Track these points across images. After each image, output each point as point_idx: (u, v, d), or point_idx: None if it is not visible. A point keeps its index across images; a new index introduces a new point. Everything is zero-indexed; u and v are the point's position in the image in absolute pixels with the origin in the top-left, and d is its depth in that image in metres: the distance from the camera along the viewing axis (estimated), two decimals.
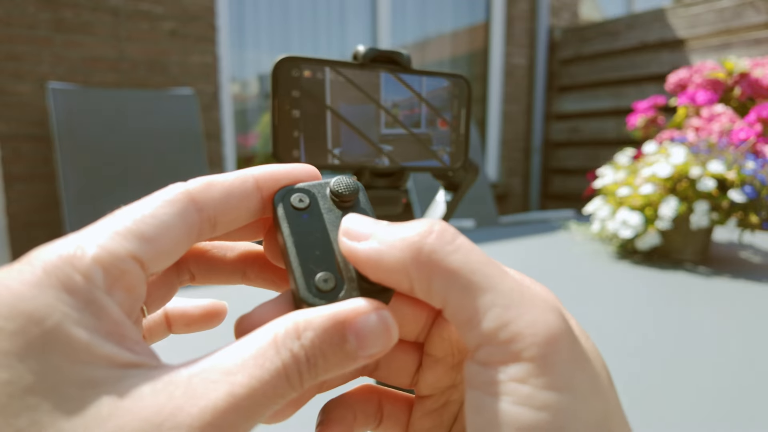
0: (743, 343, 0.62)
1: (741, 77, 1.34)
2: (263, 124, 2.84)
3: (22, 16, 2.03)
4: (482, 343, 0.16)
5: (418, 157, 0.41)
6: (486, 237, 1.34)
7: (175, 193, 0.19)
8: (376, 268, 0.18)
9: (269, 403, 0.16)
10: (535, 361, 0.16)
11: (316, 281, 0.19)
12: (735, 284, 0.87)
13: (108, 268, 0.16)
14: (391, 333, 0.18)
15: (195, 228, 0.19)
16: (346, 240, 0.19)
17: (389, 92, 0.38)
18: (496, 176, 3.62)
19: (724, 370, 0.55)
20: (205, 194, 0.19)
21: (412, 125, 0.40)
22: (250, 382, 0.15)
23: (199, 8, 2.42)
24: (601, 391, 0.17)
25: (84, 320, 0.15)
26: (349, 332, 0.17)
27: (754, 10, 2.70)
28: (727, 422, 0.45)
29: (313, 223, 0.21)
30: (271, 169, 0.21)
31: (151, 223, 0.18)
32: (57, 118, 1.85)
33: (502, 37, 3.52)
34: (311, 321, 0.17)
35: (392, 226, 0.19)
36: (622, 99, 3.22)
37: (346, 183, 0.21)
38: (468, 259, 0.17)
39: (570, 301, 0.77)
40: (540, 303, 0.17)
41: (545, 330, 0.16)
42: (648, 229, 0.97)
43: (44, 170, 2.11)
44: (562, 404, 0.16)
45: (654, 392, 0.50)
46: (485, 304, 0.17)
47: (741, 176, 0.94)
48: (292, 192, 0.21)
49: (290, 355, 0.16)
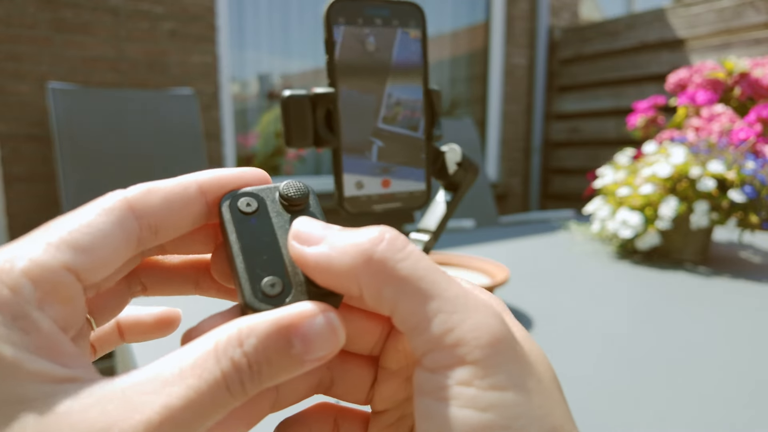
0: (744, 343, 0.62)
1: (741, 77, 1.34)
2: (263, 124, 2.84)
3: (22, 16, 2.03)
4: (429, 348, 0.17)
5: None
6: (486, 237, 1.33)
7: (112, 201, 0.19)
8: (325, 273, 0.18)
9: (208, 413, 0.15)
10: (478, 364, 0.16)
11: (263, 286, 0.19)
12: (735, 284, 0.87)
13: (38, 281, 0.16)
14: (338, 335, 0.18)
15: (134, 236, 0.19)
16: (296, 244, 0.19)
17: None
18: (496, 176, 3.62)
19: (724, 370, 0.55)
20: (144, 201, 0.19)
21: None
22: (187, 393, 0.15)
23: (199, 8, 2.42)
24: (545, 390, 0.17)
25: (11, 336, 0.15)
26: (295, 336, 0.17)
27: (754, 10, 2.70)
28: (728, 423, 0.45)
29: (262, 228, 0.20)
30: (217, 174, 0.21)
31: (87, 232, 0.17)
32: (57, 118, 1.85)
33: (502, 37, 3.51)
34: (254, 327, 0.17)
35: (343, 231, 0.19)
36: (622, 99, 3.22)
37: (296, 186, 0.21)
38: (416, 267, 0.17)
39: (570, 301, 0.77)
40: (483, 309, 0.17)
41: (488, 334, 0.17)
42: (648, 229, 0.97)
43: (44, 170, 2.11)
44: (507, 403, 0.16)
45: (654, 393, 0.50)
46: (432, 310, 0.17)
47: (741, 176, 0.94)
48: (239, 196, 0.20)
49: (231, 364, 0.16)
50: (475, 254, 0.79)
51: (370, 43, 0.37)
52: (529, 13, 3.57)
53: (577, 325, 0.67)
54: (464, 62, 3.55)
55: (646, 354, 0.59)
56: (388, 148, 0.39)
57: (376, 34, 0.38)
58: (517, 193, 3.72)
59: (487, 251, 1.10)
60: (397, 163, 0.40)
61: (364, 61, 0.38)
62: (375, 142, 0.39)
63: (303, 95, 0.38)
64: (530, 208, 3.76)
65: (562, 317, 0.70)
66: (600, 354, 0.59)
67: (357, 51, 0.37)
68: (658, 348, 0.61)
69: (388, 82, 0.38)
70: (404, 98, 0.39)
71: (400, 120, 0.39)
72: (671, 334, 0.65)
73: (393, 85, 0.39)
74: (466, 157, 0.44)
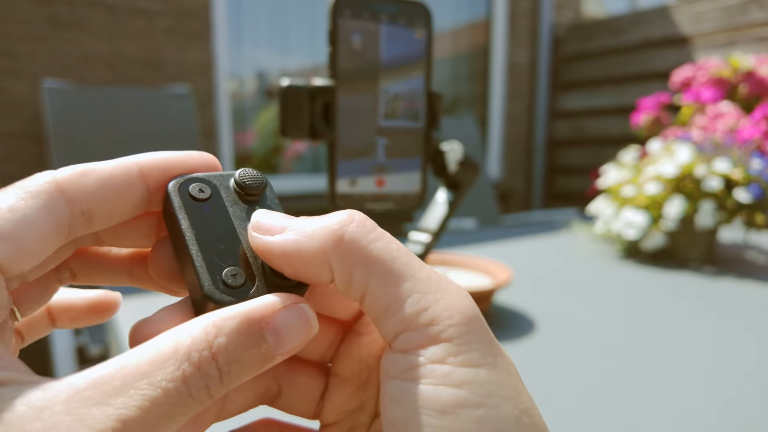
0: (749, 344, 0.61)
1: (746, 75, 1.32)
2: (261, 122, 2.82)
3: (17, 12, 2.02)
4: (402, 329, 0.16)
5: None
6: (488, 237, 1.32)
7: (39, 183, 0.17)
8: (293, 260, 0.17)
9: (167, 424, 0.14)
10: (452, 341, 0.16)
11: (224, 276, 0.17)
12: (741, 285, 0.85)
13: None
14: (312, 326, 0.17)
15: (65, 222, 0.17)
16: (258, 235, 0.18)
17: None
18: (498, 175, 3.60)
19: (730, 371, 0.54)
20: (77, 184, 0.17)
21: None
22: (142, 404, 0.13)
23: (195, 5, 2.41)
24: (513, 372, 0.17)
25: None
26: (267, 331, 0.16)
27: (759, 7, 2.68)
28: (733, 424, 0.44)
29: (215, 216, 0.19)
30: (160, 156, 0.19)
31: (10, 218, 0.16)
32: (52, 117, 1.84)
33: (505, 34, 3.50)
34: (222, 326, 0.15)
35: (308, 218, 0.18)
36: (625, 96, 3.20)
37: (252, 175, 0.20)
38: (388, 248, 0.17)
39: (573, 303, 0.76)
40: (454, 290, 0.17)
41: (461, 313, 0.17)
42: (652, 229, 0.96)
43: (39, 169, 2.08)
44: (480, 380, 0.16)
45: (658, 394, 0.49)
46: (405, 290, 0.17)
47: (747, 175, 0.92)
48: (189, 181, 0.19)
49: (194, 368, 0.14)
50: (476, 254, 0.78)
51: (372, 38, 0.37)
52: (531, 10, 3.56)
53: (580, 326, 0.66)
54: (466, 60, 3.54)
55: (652, 355, 0.58)
56: (393, 144, 0.39)
57: (380, 30, 0.37)
58: (519, 192, 3.71)
59: (488, 251, 1.08)
60: (403, 156, 0.40)
61: (365, 55, 0.37)
62: (379, 140, 0.38)
63: (302, 86, 0.38)
64: (533, 207, 3.75)
65: (565, 318, 0.69)
66: (604, 355, 0.58)
67: (359, 45, 0.37)
68: (663, 349, 0.60)
69: (386, 79, 0.38)
70: (403, 91, 0.38)
71: (400, 113, 0.39)
72: (676, 334, 0.64)
73: (390, 81, 0.38)
74: (467, 155, 0.44)
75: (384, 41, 0.37)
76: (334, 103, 0.37)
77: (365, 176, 0.39)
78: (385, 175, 0.40)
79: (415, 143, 0.40)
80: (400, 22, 0.38)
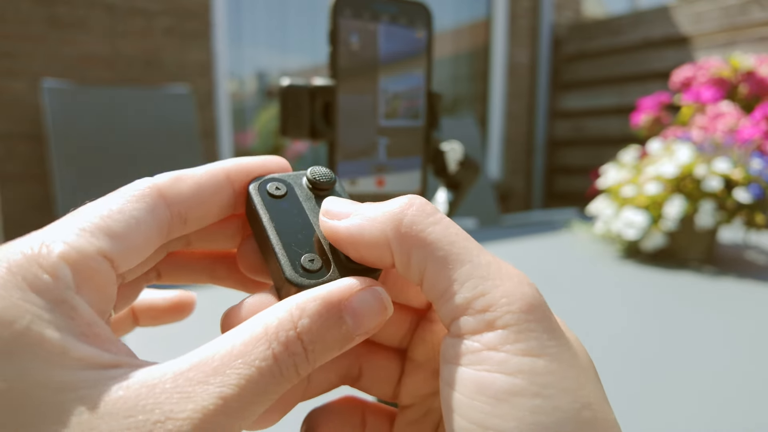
0: (750, 343, 0.61)
1: (747, 75, 1.32)
2: (261, 122, 2.82)
3: (17, 12, 2.02)
4: (458, 314, 0.17)
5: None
6: (488, 237, 1.32)
7: (142, 188, 0.18)
8: (357, 243, 0.18)
9: (261, 400, 0.15)
10: (508, 328, 0.16)
11: (302, 262, 0.19)
12: (741, 285, 0.85)
13: (76, 267, 0.15)
14: (387, 308, 0.18)
15: (165, 224, 0.18)
16: (327, 219, 0.19)
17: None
18: (498, 175, 3.60)
19: (730, 370, 0.54)
20: (175, 189, 0.19)
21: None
22: (239, 382, 0.15)
23: (195, 5, 2.40)
24: (580, 365, 0.17)
25: (56, 321, 0.14)
26: (346, 312, 0.17)
27: (759, 7, 2.68)
28: (734, 424, 0.43)
29: (292, 210, 0.20)
30: (243, 162, 0.21)
31: (120, 219, 0.17)
32: (52, 116, 1.84)
33: (505, 34, 3.49)
34: (305, 307, 0.16)
35: (373, 204, 0.19)
36: (625, 96, 3.20)
37: (322, 172, 0.21)
38: (447, 232, 0.17)
39: (573, 303, 0.76)
40: (516, 277, 0.17)
41: (521, 300, 0.16)
42: (652, 229, 0.96)
43: (39, 169, 2.10)
44: (537, 370, 0.15)
45: (659, 394, 0.49)
46: (463, 275, 0.17)
47: (747, 175, 0.92)
48: (267, 181, 0.21)
49: (283, 347, 0.16)
50: None
51: (372, 38, 0.37)
52: (531, 9, 3.55)
53: (580, 326, 0.66)
54: (466, 59, 3.54)
55: (652, 355, 0.58)
56: (394, 144, 0.39)
57: (381, 30, 0.37)
58: (519, 192, 3.71)
59: (488, 251, 1.08)
60: (404, 156, 0.40)
61: (365, 55, 0.37)
62: (380, 140, 0.38)
63: (302, 86, 0.38)
64: (533, 207, 3.75)
65: (565, 318, 0.68)
66: (604, 355, 0.57)
67: (360, 45, 0.37)
68: (663, 349, 0.60)
69: (386, 78, 0.38)
70: (402, 89, 0.38)
71: (400, 112, 0.39)
72: (677, 335, 0.64)
73: (390, 81, 0.38)
74: (467, 155, 0.43)
75: (384, 41, 0.37)
76: (334, 102, 0.37)
77: (365, 176, 0.39)
78: (385, 175, 0.40)
79: (416, 143, 0.40)
80: (400, 21, 0.38)
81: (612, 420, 0.17)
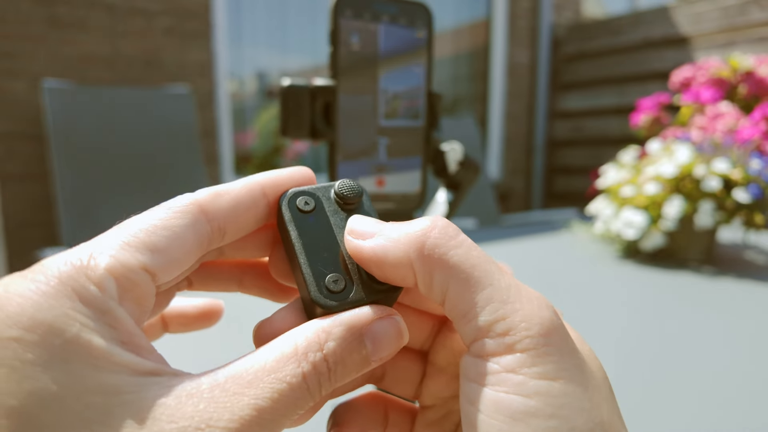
0: (749, 343, 0.61)
1: (746, 75, 1.32)
2: (261, 122, 2.82)
3: (17, 12, 2.02)
4: (479, 335, 0.17)
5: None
6: (487, 237, 1.32)
7: (184, 204, 0.19)
8: (381, 264, 0.19)
9: (291, 413, 0.16)
10: (527, 353, 0.16)
11: (327, 282, 0.20)
12: (740, 285, 0.85)
13: (120, 279, 0.17)
14: (403, 336, 0.19)
15: (205, 238, 0.19)
16: (352, 239, 0.20)
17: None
18: (498, 175, 3.60)
19: (730, 371, 0.54)
20: (215, 204, 0.20)
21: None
22: (273, 396, 0.16)
23: (195, 5, 2.40)
24: (595, 385, 0.17)
25: (101, 330, 0.15)
26: (366, 338, 0.18)
27: (758, 7, 2.68)
28: (733, 424, 0.44)
29: (319, 226, 0.21)
30: (276, 175, 0.22)
31: (164, 235, 0.18)
32: (52, 116, 1.84)
33: (505, 35, 3.50)
34: (331, 332, 0.18)
35: (397, 224, 0.20)
36: (625, 96, 3.20)
37: (350, 186, 0.22)
38: (469, 255, 0.18)
39: (573, 303, 0.76)
40: (535, 300, 0.18)
41: (539, 324, 0.17)
42: (652, 229, 0.96)
43: (39, 169, 2.10)
44: (554, 392, 0.16)
45: (658, 394, 0.49)
46: (483, 298, 0.17)
47: (746, 175, 0.92)
48: (297, 195, 0.21)
49: (311, 367, 0.17)
50: None
51: (372, 38, 0.37)
52: (531, 10, 3.55)
53: (580, 326, 0.66)
54: (466, 60, 3.54)
55: (651, 355, 0.58)
56: (394, 144, 0.39)
57: (381, 30, 0.37)
58: (519, 192, 3.71)
59: (488, 251, 1.07)
60: (404, 156, 0.40)
61: (366, 55, 0.37)
62: (381, 140, 0.39)
63: (303, 86, 0.38)
64: (533, 207, 3.75)
65: (564, 318, 0.69)
66: (604, 356, 0.57)
67: (360, 45, 0.37)
68: (662, 349, 0.60)
69: (386, 78, 0.38)
70: (402, 89, 0.38)
71: (400, 112, 0.39)
72: (676, 334, 0.64)
73: (390, 81, 0.38)
74: (467, 156, 0.43)
75: (385, 40, 0.37)
76: (334, 102, 0.37)
77: (365, 176, 0.39)
78: (385, 175, 0.40)
79: (416, 143, 0.40)
80: (400, 21, 0.38)
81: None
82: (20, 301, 0.15)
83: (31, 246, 2.11)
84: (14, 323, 0.15)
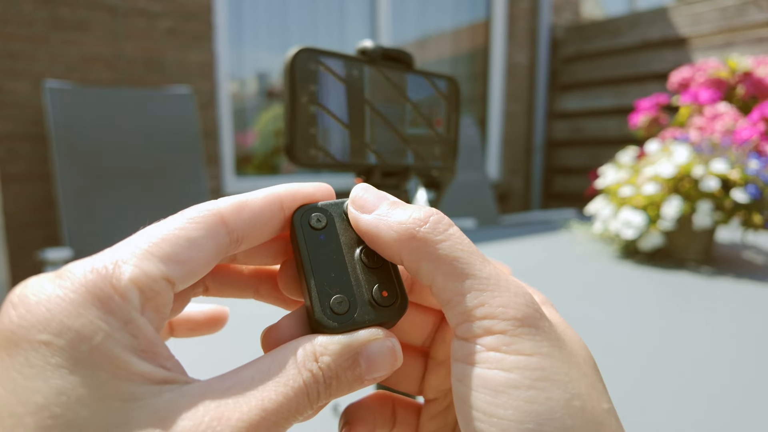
0: (747, 343, 0.62)
1: (744, 76, 1.33)
2: (262, 123, 2.83)
3: (19, 14, 2.02)
4: (462, 320, 0.19)
5: (425, 157, 0.40)
6: (487, 237, 1.32)
7: (206, 214, 0.20)
8: (374, 240, 0.21)
9: (292, 418, 0.18)
10: (505, 333, 0.18)
11: (331, 304, 0.20)
12: (738, 285, 0.86)
13: (143, 289, 0.17)
14: (398, 358, 0.20)
15: (223, 248, 0.20)
16: (353, 209, 0.22)
17: (412, 91, 0.38)
18: (497, 175, 3.61)
19: (728, 370, 0.54)
20: (236, 216, 0.20)
21: (418, 125, 0.40)
22: (278, 398, 0.17)
23: (197, 6, 2.41)
24: (575, 363, 0.19)
25: (123, 340, 0.16)
26: (361, 356, 0.19)
27: (757, 8, 2.68)
28: (730, 423, 0.44)
29: (329, 244, 0.22)
30: (295, 188, 0.22)
31: (185, 245, 0.19)
32: (54, 117, 1.84)
33: (504, 35, 3.50)
34: (327, 345, 0.19)
35: (395, 206, 0.21)
36: (624, 97, 3.21)
37: None
38: (453, 248, 0.20)
39: (572, 302, 0.76)
40: (513, 288, 0.19)
41: (515, 309, 0.19)
42: (650, 229, 0.96)
43: (41, 170, 2.10)
44: (530, 366, 0.18)
45: (656, 393, 0.49)
46: (465, 287, 0.19)
47: (744, 176, 0.93)
48: (310, 211, 0.22)
49: (310, 375, 0.18)
50: None
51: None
52: (530, 11, 3.56)
53: (578, 325, 0.66)
54: (465, 60, 3.54)
55: (649, 354, 0.58)
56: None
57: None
58: (518, 192, 3.71)
59: (487, 251, 1.09)
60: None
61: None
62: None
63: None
64: (531, 207, 3.75)
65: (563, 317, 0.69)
66: (602, 355, 0.58)
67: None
68: (661, 348, 0.60)
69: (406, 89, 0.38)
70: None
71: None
72: (674, 334, 0.64)
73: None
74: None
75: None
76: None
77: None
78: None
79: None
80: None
81: (605, 408, 0.19)
82: (50, 306, 0.16)
83: (32, 246, 2.11)
84: (44, 328, 0.16)
